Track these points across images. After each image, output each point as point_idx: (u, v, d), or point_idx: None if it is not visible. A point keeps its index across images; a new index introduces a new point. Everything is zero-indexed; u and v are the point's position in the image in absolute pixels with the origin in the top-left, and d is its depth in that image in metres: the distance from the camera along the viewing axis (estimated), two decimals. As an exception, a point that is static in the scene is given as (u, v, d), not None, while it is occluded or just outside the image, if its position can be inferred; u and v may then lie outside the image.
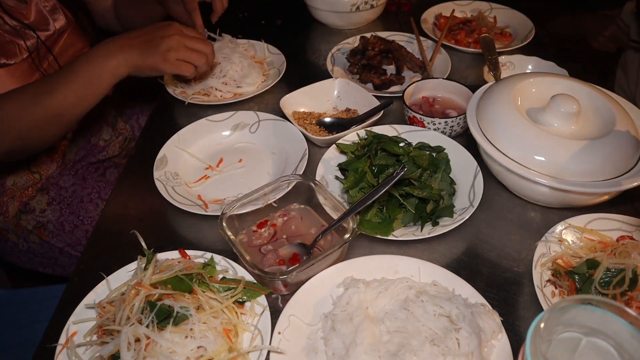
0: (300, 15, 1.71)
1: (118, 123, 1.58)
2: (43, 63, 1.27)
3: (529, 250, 0.91)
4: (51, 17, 1.31)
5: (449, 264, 0.90)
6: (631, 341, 0.49)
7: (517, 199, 1.02)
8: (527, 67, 1.35)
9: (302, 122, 1.21)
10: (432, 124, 1.13)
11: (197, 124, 1.20)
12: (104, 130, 1.52)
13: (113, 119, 1.56)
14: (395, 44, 1.45)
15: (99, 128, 1.50)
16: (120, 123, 1.58)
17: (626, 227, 0.90)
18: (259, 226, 0.95)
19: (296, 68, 1.44)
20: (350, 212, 0.85)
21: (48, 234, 1.35)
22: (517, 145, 0.91)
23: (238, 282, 0.80)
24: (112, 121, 1.55)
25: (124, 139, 1.58)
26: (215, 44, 1.39)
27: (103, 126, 1.52)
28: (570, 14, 2.77)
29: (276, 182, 0.93)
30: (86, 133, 1.46)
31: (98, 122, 1.49)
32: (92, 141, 1.49)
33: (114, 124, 1.56)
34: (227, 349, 0.72)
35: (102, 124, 1.51)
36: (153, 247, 0.84)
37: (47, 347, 0.76)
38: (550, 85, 1.01)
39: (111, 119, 1.55)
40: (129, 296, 0.73)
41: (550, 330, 0.50)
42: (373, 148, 1.02)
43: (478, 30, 1.58)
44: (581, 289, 0.80)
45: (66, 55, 1.36)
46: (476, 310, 0.75)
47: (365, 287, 0.79)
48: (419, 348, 0.70)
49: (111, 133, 1.54)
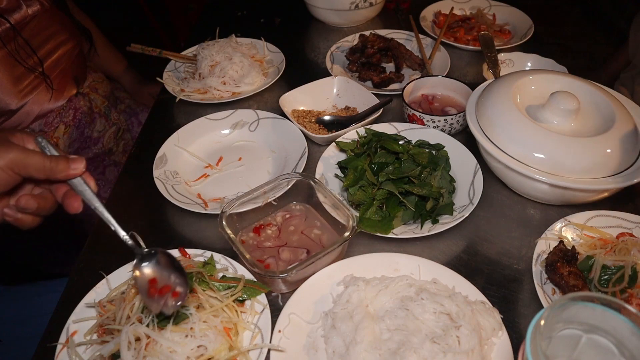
0: (300, 13, 1.71)
1: (111, 113, 1.57)
2: (13, 46, 1.23)
3: (528, 248, 0.92)
4: (25, 2, 1.28)
5: (449, 262, 0.90)
6: (631, 338, 0.49)
7: (517, 196, 1.02)
8: (527, 64, 1.35)
9: (301, 121, 1.21)
10: (431, 122, 1.13)
11: (197, 123, 1.20)
12: (97, 122, 1.51)
13: (106, 109, 1.56)
14: (394, 42, 1.44)
15: (91, 120, 1.50)
16: (113, 113, 1.58)
17: (626, 224, 0.90)
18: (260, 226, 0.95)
19: (295, 66, 1.44)
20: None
21: (54, 236, 1.35)
22: (516, 142, 0.91)
23: (238, 281, 0.80)
24: (104, 112, 1.55)
25: (117, 129, 1.58)
26: (217, 43, 1.39)
27: (96, 117, 1.51)
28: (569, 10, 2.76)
29: (276, 180, 0.93)
30: (78, 125, 1.46)
31: (90, 115, 1.49)
32: (86, 133, 1.49)
33: (107, 115, 1.56)
34: (227, 347, 0.72)
35: (94, 115, 1.51)
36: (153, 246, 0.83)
37: (47, 346, 0.76)
38: (550, 83, 1.01)
39: (104, 110, 1.55)
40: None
41: (550, 328, 0.50)
42: (372, 146, 1.02)
43: (477, 28, 1.58)
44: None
45: (38, 38, 1.33)
46: (476, 308, 0.75)
47: (365, 285, 0.79)
48: (419, 346, 0.70)
49: (104, 124, 1.54)
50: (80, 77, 1.50)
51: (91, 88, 1.53)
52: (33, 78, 1.31)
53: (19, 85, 1.28)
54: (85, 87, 1.52)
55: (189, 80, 1.37)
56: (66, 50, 1.41)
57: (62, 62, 1.40)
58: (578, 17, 3.89)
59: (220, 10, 1.84)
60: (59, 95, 1.39)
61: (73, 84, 1.45)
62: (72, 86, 1.44)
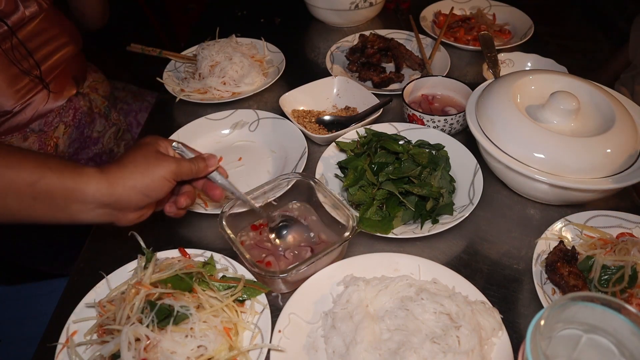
0: (299, 13, 1.71)
1: (111, 114, 1.57)
2: (9, 48, 1.24)
3: (528, 248, 0.92)
4: (22, 3, 1.28)
5: (449, 262, 0.90)
6: (631, 338, 0.49)
7: (517, 196, 1.02)
8: (527, 64, 1.35)
9: (301, 121, 1.21)
10: (431, 122, 1.13)
11: (196, 123, 1.20)
12: (96, 122, 1.51)
13: (105, 109, 1.56)
14: (394, 42, 1.44)
15: (91, 120, 1.50)
16: (113, 114, 1.58)
17: (626, 224, 0.90)
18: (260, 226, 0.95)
19: (295, 66, 1.44)
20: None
21: (55, 236, 1.35)
22: (516, 142, 0.91)
23: (238, 281, 0.80)
24: (104, 112, 1.55)
25: (117, 129, 1.58)
26: (217, 43, 1.39)
27: (96, 117, 1.51)
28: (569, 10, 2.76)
29: (276, 180, 0.92)
30: (78, 125, 1.46)
31: (90, 115, 1.49)
32: (86, 132, 1.48)
33: (107, 115, 1.56)
34: (227, 347, 0.72)
35: (94, 115, 1.51)
36: (153, 246, 0.83)
37: (47, 346, 0.76)
38: (550, 83, 1.01)
39: (104, 110, 1.55)
40: (129, 295, 0.73)
41: (550, 328, 0.50)
42: (372, 146, 1.02)
43: (477, 28, 1.58)
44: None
45: (36, 40, 1.33)
46: (476, 308, 0.75)
47: (365, 285, 0.79)
48: (419, 346, 0.70)
49: (104, 124, 1.54)
50: (79, 77, 1.50)
51: (91, 88, 1.53)
52: (30, 80, 1.31)
53: (15, 86, 1.28)
54: (85, 87, 1.52)
55: (189, 80, 1.37)
56: (66, 52, 1.41)
57: (62, 64, 1.40)
58: (578, 17, 3.89)
59: (220, 10, 1.84)
60: (58, 95, 1.39)
61: (73, 84, 1.44)
62: (72, 86, 1.44)
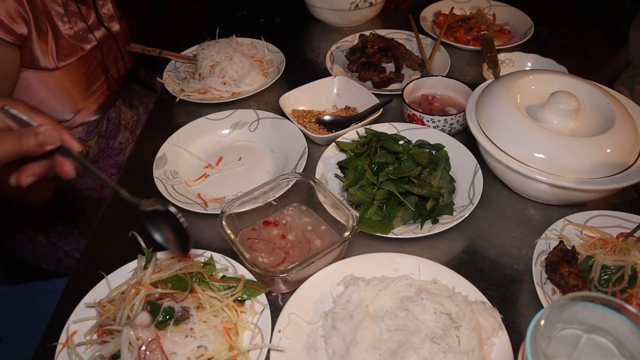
0: (299, 13, 1.71)
1: (137, 128, 1.61)
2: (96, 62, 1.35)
3: (528, 248, 0.92)
4: (108, 23, 1.38)
5: (449, 262, 0.90)
6: (631, 338, 0.49)
7: (517, 196, 1.02)
8: (527, 64, 1.35)
9: (301, 120, 1.20)
10: (431, 122, 1.13)
11: (196, 123, 1.20)
12: (121, 134, 1.55)
13: (133, 124, 1.60)
14: (394, 42, 1.44)
15: (117, 132, 1.53)
16: (139, 128, 1.61)
17: (626, 224, 0.90)
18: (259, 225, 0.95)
19: (295, 66, 1.44)
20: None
21: (57, 236, 1.36)
22: (516, 142, 0.91)
23: (238, 281, 0.80)
24: (132, 126, 1.59)
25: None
26: (217, 43, 1.39)
27: (121, 129, 1.55)
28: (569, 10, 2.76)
29: (276, 180, 0.93)
30: (108, 136, 1.50)
31: (118, 126, 1.53)
32: (110, 144, 1.52)
33: (133, 129, 1.60)
34: (227, 347, 0.72)
35: (120, 127, 1.54)
36: (153, 246, 0.83)
37: (47, 346, 0.76)
38: (550, 83, 1.01)
39: (131, 124, 1.59)
40: (129, 295, 0.73)
41: (550, 328, 0.50)
42: (372, 146, 1.02)
43: (477, 28, 1.58)
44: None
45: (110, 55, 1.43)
46: (476, 308, 0.75)
47: (365, 285, 0.79)
48: (419, 346, 0.70)
49: (128, 137, 1.57)
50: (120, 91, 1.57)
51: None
52: (101, 93, 1.40)
53: (91, 97, 1.36)
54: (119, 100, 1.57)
55: (189, 80, 1.37)
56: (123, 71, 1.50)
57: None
58: (578, 17, 3.89)
59: (220, 10, 1.84)
60: (105, 108, 1.45)
61: (115, 96, 1.52)
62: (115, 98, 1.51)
